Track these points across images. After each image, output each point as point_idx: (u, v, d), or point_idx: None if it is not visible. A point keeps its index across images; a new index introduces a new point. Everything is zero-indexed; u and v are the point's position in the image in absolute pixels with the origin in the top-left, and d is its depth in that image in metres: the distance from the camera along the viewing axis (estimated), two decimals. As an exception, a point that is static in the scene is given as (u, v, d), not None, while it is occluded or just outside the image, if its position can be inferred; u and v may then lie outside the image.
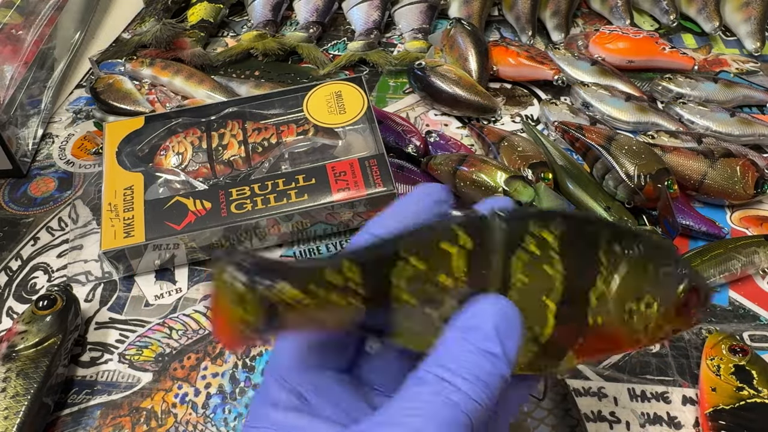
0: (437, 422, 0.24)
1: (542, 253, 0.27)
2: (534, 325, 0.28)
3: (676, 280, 0.29)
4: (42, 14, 0.75)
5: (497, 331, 0.26)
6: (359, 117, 0.62)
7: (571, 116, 0.68)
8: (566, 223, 0.28)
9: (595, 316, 0.28)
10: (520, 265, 0.27)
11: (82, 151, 0.70)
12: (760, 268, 0.55)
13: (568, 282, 0.28)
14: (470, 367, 0.25)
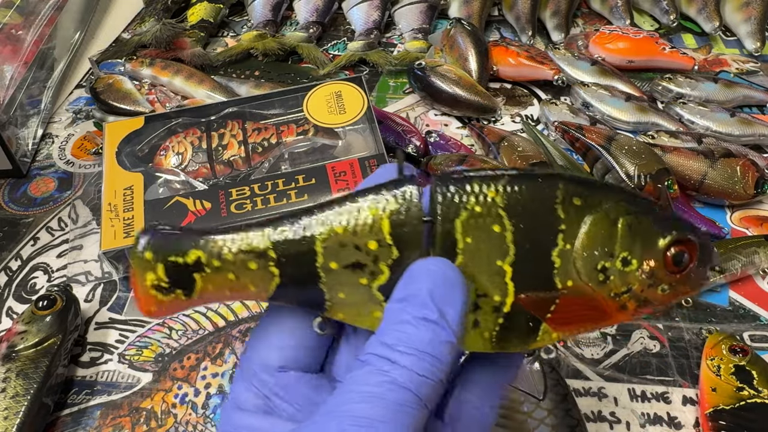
0: (384, 404, 0.23)
1: (487, 212, 0.25)
2: (492, 293, 0.26)
3: (658, 232, 0.26)
4: (42, 14, 0.75)
5: (432, 296, 0.24)
6: (359, 117, 0.62)
7: (571, 116, 0.68)
8: (514, 179, 0.26)
9: (562, 278, 0.25)
10: (462, 227, 0.25)
11: (82, 151, 0.70)
12: (760, 268, 0.55)
13: (520, 240, 0.25)
14: (408, 340, 0.24)
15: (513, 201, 0.25)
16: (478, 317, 0.26)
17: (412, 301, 0.25)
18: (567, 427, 0.43)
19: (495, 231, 0.25)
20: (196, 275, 0.26)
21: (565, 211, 0.25)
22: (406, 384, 0.23)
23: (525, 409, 0.43)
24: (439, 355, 0.24)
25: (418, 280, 0.25)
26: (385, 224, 0.25)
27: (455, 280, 0.25)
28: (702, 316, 0.53)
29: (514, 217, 0.25)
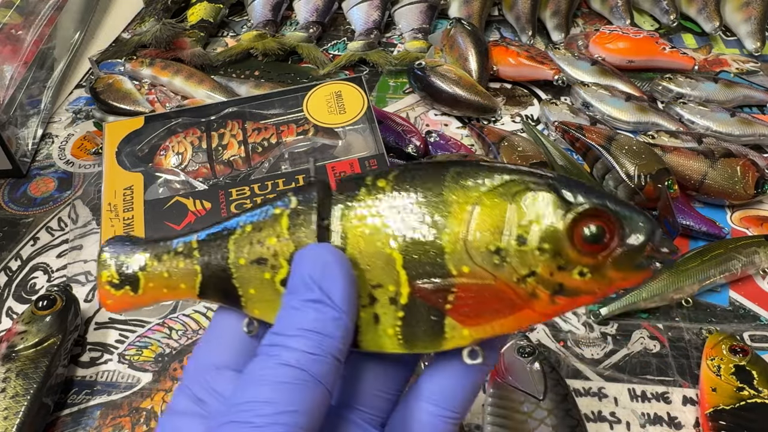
0: (273, 386, 0.24)
1: (375, 201, 0.25)
2: (386, 282, 0.25)
3: (561, 205, 0.23)
4: (42, 14, 0.75)
5: (312, 278, 0.25)
6: (359, 117, 0.62)
7: (572, 116, 0.68)
8: (406, 168, 0.25)
9: (456, 263, 0.24)
10: (354, 219, 0.26)
11: (81, 151, 0.70)
12: (760, 268, 0.55)
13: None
14: (294, 322, 0.25)
15: (400, 187, 0.25)
16: (376, 311, 0.26)
17: (296, 287, 0.26)
18: (567, 427, 0.43)
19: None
20: (140, 273, 0.29)
21: (454, 193, 0.24)
22: (292, 363, 0.24)
23: (525, 409, 0.43)
24: (326, 332, 0.25)
25: (299, 266, 0.26)
26: (284, 221, 0.26)
27: (333, 260, 0.25)
28: (702, 316, 0.53)
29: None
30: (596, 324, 0.53)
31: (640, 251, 0.23)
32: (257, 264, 0.27)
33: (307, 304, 0.25)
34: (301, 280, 0.26)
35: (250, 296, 0.27)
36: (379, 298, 0.26)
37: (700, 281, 0.53)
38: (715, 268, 0.53)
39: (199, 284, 0.28)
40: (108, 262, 0.29)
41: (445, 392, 0.27)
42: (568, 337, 0.52)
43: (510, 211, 0.24)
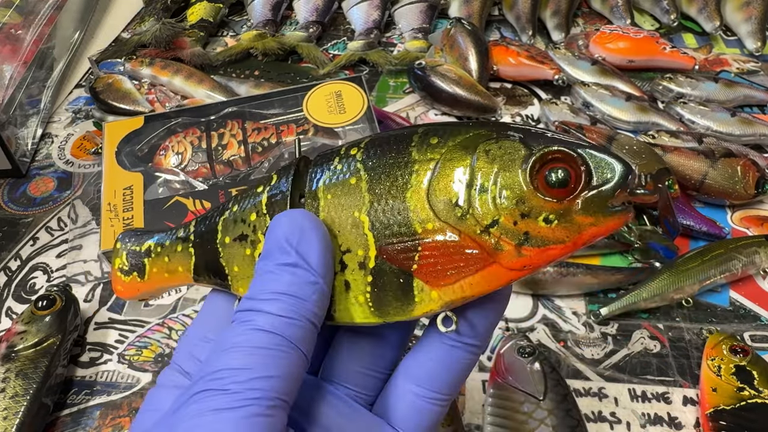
0: (247, 351, 0.23)
1: (346, 168, 0.25)
2: (355, 247, 0.25)
3: (521, 150, 0.23)
4: (41, 14, 0.75)
5: (288, 241, 0.25)
6: (359, 117, 0.61)
7: (572, 116, 0.68)
8: (379, 134, 0.26)
9: (421, 221, 0.23)
10: (325, 187, 0.26)
11: (81, 150, 0.70)
12: (760, 268, 0.55)
13: (374, 188, 0.24)
14: (269, 286, 0.25)
15: (370, 152, 0.25)
16: (347, 277, 0.26)
17: (271, 251, 0.25)
18: (567, 427, 0.43)
19: (351, 183, 0.25)
20: (146, 260, 0.31)
21: (419, 151, 0.24)
22: (266, 327, 0.23)
23: (525, 409, 0.43)
24: (302, 296, 0.24)
25: (275, 231, 0.25)
26: (264, 197, 0.27)
27: (309, 224, 0.25)
28: (702, 316, 0.53)
29: (369, 167, 0.25)
30: (596, 324, 0.53)
31: (611, 194, 0.22)
32: (239, 241, 0.28)
33: (282, 267, 0.25)
34: (276, 244, 0.25)
35: (234, 274, 0.28)
36: (348, 263, 0.25)
37: (700, 281, 0.53)
38: (716, 268, 0.53)
39: (192, 266, 0.29)
40: (120, 251, 0.32)
41: (431, 373, 0.27)
42: (569, 337, 0.52)
43: (472, 162, 0.23)
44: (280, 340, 0.23)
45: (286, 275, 0.25)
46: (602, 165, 0.22)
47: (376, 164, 0.25)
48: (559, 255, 0.23)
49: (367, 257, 0.25)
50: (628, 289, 0.53)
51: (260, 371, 0.23)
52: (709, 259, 0.54)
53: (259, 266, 0.26)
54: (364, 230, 0.25)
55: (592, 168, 0.22)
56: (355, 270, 0.25)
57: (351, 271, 0.25)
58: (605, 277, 0.54)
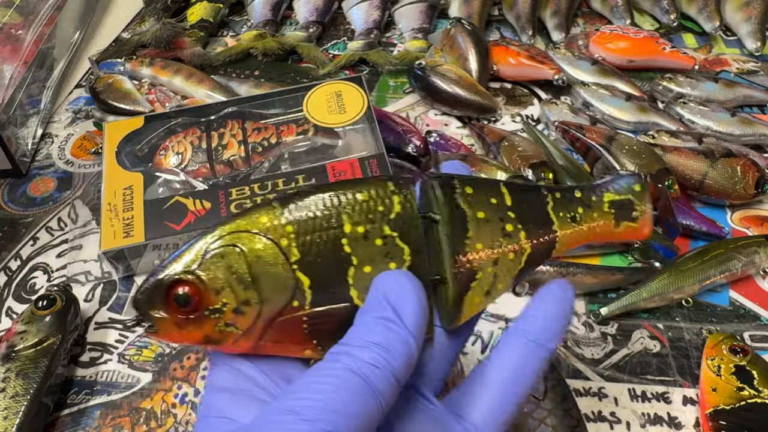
0: (338, 388, 0.24)
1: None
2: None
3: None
4: (41, 14, 0.75)
5: (387, 297, 0.27)
6: (359, 117, 0.61)
7: (572, 116, 0.68)
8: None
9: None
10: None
11: (81, 150, 0.70)
12: (760, 268, 0.55)
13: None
14: (363, 335, 0.26)
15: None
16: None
17: (372, 306, 0.27)
18: (567, 427, 0.43)
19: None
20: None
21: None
22: (353, 368, 0.25)
23: (525, 409, 0.43)
24: (390, 348, 0.26)
25: (377, 287, 0.28)
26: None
27: (410, 285, 0.27)
28: (702, 316, 0.53)
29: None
30: (596, 324, 0.53)
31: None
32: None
33: (378, 320, 0.26)
34: (376, 299, 0.27)
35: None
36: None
37: (700, 281, 0.53)
38: (716, 268, 0.53)
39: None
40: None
41: (513, 372, 0.29)
42: (568, 337, 0.52)
43: None
44: (363, 384, 0.25)
45: (380, 328, 0.26)
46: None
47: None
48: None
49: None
50: (628, 289, 0.53)
51: (337, 407, 0.24)
52: (709, 259, 0.54)
53: (358, 317, 0.27)
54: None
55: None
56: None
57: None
58: (605, 277, 0.54)
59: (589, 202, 0.31)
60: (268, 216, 0.28)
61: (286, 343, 0.28)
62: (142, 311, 0.28)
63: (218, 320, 0.28)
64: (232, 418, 0.27)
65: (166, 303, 0.28)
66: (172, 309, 0.28)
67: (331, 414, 0.23)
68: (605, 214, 0.31)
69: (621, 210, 0.31)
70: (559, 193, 0.31)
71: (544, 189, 0.31)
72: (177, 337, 0.28)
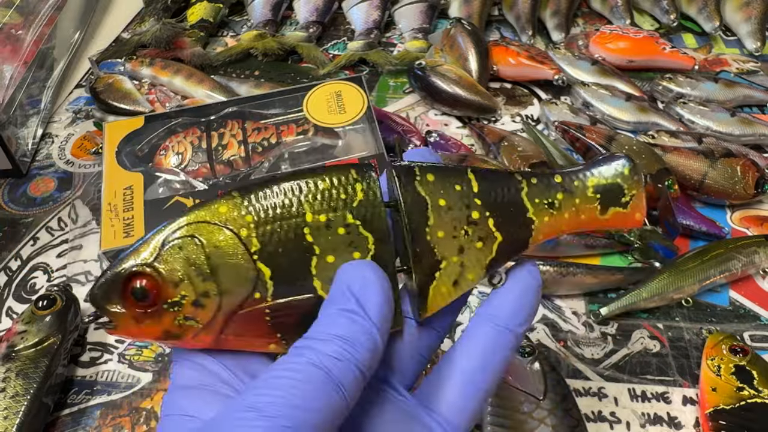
0: (299, 383, 0.24)
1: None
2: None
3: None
4: (41, 14, 0.75)
5: (350, 288, 0.26)
6: (359, 117, 0.62)
7: (572, 116, 0.68)
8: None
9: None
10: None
11: (81, 150, 0.70)
12: (760, 268, 0.55)
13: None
14: (326, 328, 0.26)
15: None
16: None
17: (335, 297, 0.27)
18: (567, 427, 0.43)
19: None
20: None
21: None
22: (315, 362, 0.24)
23: (525, 409, 0.43)
24: (355, 341, 0.25)
25: (340, 278, 0.27)
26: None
27: (373, 276, 0.27)
28: (702, 315, 0.53)
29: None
30: (596, 324, 0.53)
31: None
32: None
33: (341, 312, 0.26)
34: (339, 290, 0.27)
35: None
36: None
37: (700, 281, 0.53)
38: (715, 268, 0.53)
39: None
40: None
41: (481, 359, 0.28)
42: (568, 337, 0.52)
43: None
44: (325, 378, 0.24)
45: (343, 320, 0.26)
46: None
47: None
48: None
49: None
50: (628, 289, 0.53)
51: (298, 402, 0.23)
52: (708, 259, 0.54)
53: (322, 308, 0.27)
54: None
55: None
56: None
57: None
58: (605, 277, 0.54)
59: (570, 187, 0.29)
60: (227, 206, 0.27)
61: (248, 336, 0.28)
62: (99, 306, 0.28)
63: (177, 314, 0.27)
64: (195, 415, 0.26)
65: (123, 297, 0.28)
66: (129, 303, 0.27)
67: (292, 409, 0.23)
68: (589, 199, 0.30)
69: (608, 195, 0.30)
70: (535, 179, 0.30)
71: (518, 174, 0.30)
72: (135, 332, 0.28)
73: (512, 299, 0.29)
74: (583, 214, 0.30)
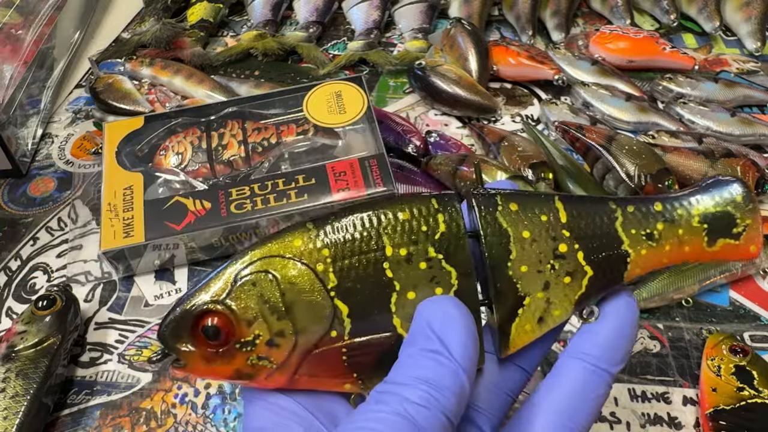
0: (388, 430, 0.23)
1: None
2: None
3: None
4: (41, 14, 0.75)
5: (431, 327, 0.25)
6: (359, 117, 0.61)
7: (572, 116, 0.68)
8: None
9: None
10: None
11: (81, 151, 0.70)
12: (760, 268, 0.55)
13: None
14: (409, 371, 0.24)
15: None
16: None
17: (415, 337, 0.25)
18: (567, 427, 0.43)
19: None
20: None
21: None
22: (400, 411, 0.23)
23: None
24: (439, 384, 0.24)
25: (420, 316, 0.25)
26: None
27: (455, 312, 0.25)
28: (702, 316, 0.53)
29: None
30: (596, 324, 0.53)
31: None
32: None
33: (424, 353, 0.24)
34: (420, 329, 0.25)
35: None
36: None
37: (700, 281, 0.53)
38: (715, 268, 0.53)
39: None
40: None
41: (571, 402, 0.26)
42: (568, 337, 0.52)
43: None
44: (413, 429, 0.23)
45: (426, 361, 0.24)
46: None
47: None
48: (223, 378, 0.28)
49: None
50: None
51: None
52: (708, 259, 0.54)
53: (402, 349, 0.25)
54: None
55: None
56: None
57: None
58: (605, 277, 0.54)
59: (672, 215, 0.27)
60: (302, 239, 0.26)
61: (323, 377, 0.27)
62: (169, 345, 0.26)
63: (250, 353, 0.26)
64: None
65: (193, 336, 0.26)
66: (200, 342, 0.26)
67: None
68: (695, 230, 0.27)
69: (717, 225, 0.27)
70: (632, 207, 0.27)
71: (612, 202, 0.27)
72: (206, 371, 0.26)
73: (607, 335, 0.26)
74: (688, 246, 0.27)
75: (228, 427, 0.48)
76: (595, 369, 0.26)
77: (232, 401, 0.49)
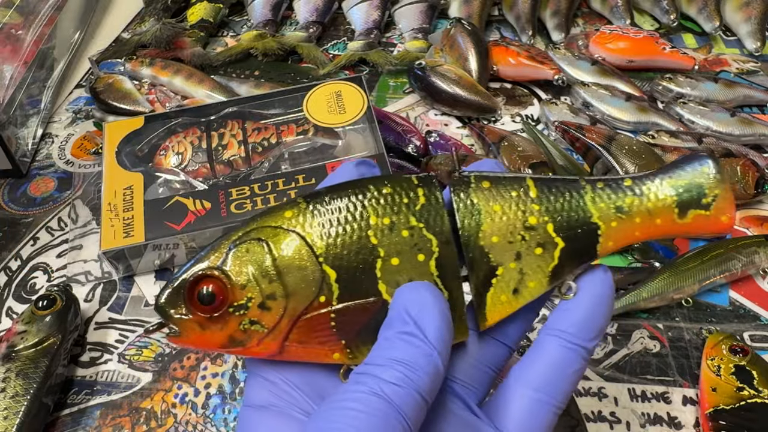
0: (358, 413, 0.24)
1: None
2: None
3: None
4: (41, 14, 0.75)
5: (408, 311, 0.26)
6: (359, 117, 0.62)
7: (572, 116, 0.68)
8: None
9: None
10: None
11: (81, 151, 0.70)
12: (760, 268, 0.55)
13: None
14: (385, 353, 0.25)
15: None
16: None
17: (393, 321, 0.26)
18: (567, 427, 0.43)
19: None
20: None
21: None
22: (377, 391, 0.24)
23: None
24: (413, 364, 0.25)
25: (396, 301, 0.27)
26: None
27: (431, 298, 0.26)
28: (702, 316, 0.53)
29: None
30: (596, 324, 0.53)
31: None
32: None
33: (399, 336, 0.26)
34: (397, 313, 0.26)
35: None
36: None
37: (700, 281, 0.53)
38: (715, 268, 0.53)
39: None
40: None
41: (549, 378, 0.27)
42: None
43: None
44: (386, 406, 0.24)
45: (401, 343, 0.25)
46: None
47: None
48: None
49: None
50: (628, 289, 0.53)
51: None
52: (708, 259, 0.54)
53: (381, 332, 0.27)
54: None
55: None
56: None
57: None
58: (605, 277, 0.54)
59: (641, 189, 0.28)
60: (292, 211, 0.28)
61: (313, 343, 0.28)
62: (164, 312, 0.28)
63: (243, 317, 0.27)
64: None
65: (189, 302, 0.27)
66: (195, 307, 0.27)
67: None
68: (664, 201, 0.28)
69: (686, 196, 0.27)
70: (601, 183, 0.28)
71: (582, 179, 0.29)
72: (199, 339, 0.28)
73: (582, 311, 0.27)
74: (659, 218, 0.28)
75: (228, 427, 0.48)
76: (571, 345, 0.27)
77: (232, 401, 0.49)
